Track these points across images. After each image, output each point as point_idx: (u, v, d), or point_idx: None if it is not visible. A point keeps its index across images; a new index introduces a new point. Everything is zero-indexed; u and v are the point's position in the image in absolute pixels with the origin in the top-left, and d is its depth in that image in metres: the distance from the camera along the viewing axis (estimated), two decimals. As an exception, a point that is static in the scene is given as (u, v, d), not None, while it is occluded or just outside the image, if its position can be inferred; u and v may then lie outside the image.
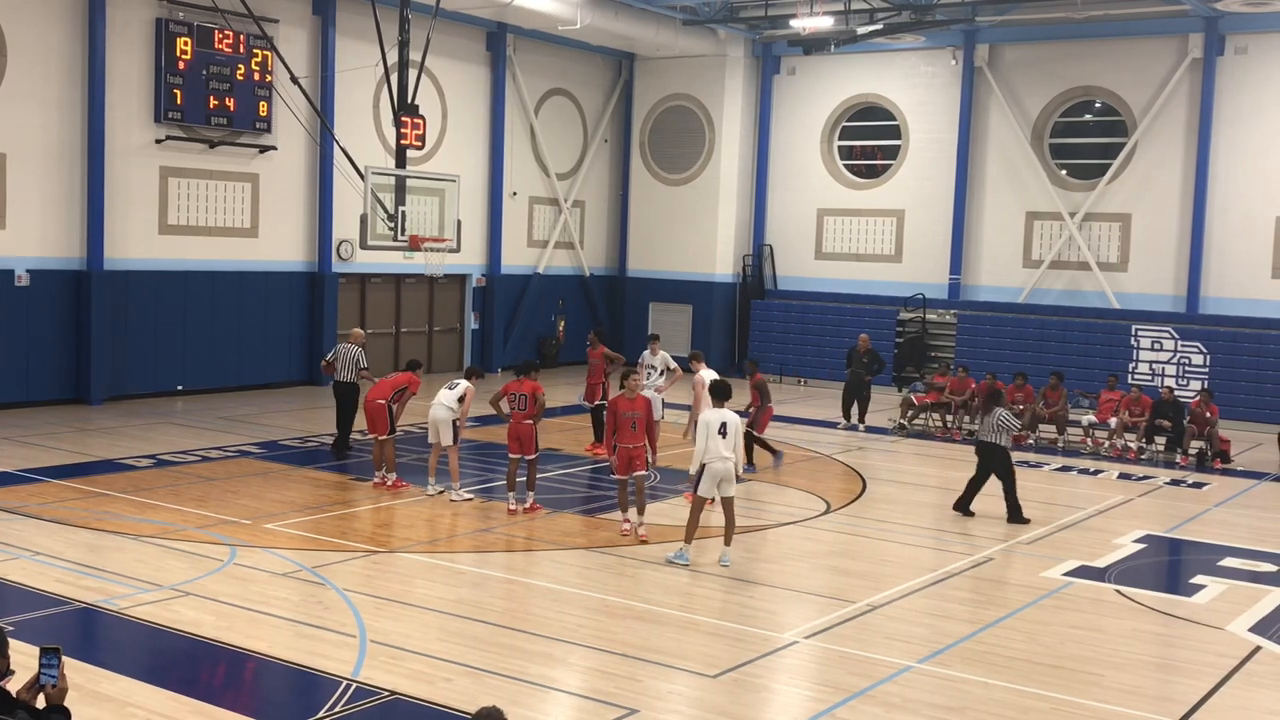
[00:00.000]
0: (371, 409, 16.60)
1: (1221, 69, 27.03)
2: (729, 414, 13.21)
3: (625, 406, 14.17)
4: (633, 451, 14.14)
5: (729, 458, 13.04)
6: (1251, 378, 25.83)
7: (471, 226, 28.44)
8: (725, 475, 13.06)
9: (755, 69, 32.81)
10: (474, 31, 29.75)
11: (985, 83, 29.73)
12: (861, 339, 25.07)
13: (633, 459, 14.16)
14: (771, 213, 32.93)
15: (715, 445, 13.01)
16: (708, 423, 13.11)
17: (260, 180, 25.51)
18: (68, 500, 15.13)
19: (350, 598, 11.51)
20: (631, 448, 14.13)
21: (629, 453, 14.14)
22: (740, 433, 13.39)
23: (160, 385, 24.14)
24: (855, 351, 24.57)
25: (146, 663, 9.90)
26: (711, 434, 13.03)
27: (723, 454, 13.00)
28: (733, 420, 13.17)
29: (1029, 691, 9.73)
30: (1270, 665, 10.73)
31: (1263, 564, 14.28)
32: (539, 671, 9.81)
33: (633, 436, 14.10)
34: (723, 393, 13.42)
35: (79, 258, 22.78)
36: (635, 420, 14.11)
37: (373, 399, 16.64)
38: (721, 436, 13.02)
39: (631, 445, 14.12)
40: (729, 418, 13.16)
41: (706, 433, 13.07)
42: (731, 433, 13.09)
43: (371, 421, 16.62)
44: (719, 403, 13.34)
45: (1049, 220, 29.26)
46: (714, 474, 13.03)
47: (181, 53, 23.54)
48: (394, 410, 16.62)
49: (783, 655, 10.51)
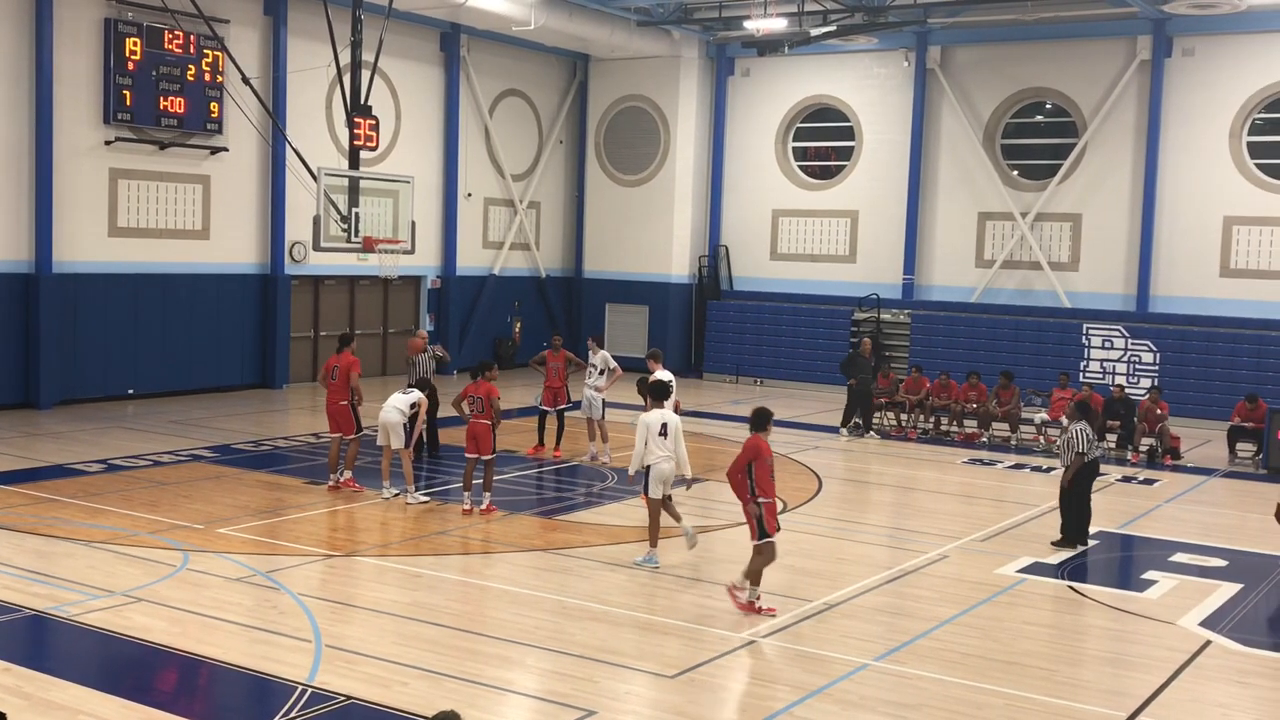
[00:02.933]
0: (335, 410, 16.47)
1: (1169, 70, 27.37)
2: (670, 414, 13.29)
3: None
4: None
5: (670, 457, 13.09)
6: (1201, 375, 26.17)
7: (426, 228, 28.33)
8: (667, 476, 13.12)
9: (710, 70, 32.88)
10: (427, 32, 29.63)
11: (937, 84, 29.95)
12: (864, 343, 24.28)
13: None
14: (727, 214, 33.01)
15: (655, 445, 13.04)
16: (648, 424, 13.15)
17: (211, 182, 25.27)
18: (16, 506, 14.92)
19: (305, 602, 11.42)
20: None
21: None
22: (680, 432, 13.35)
23: (111, 389, 23.87)
24: (859, 356, 23.62)
25: (98, 670, 9.78)
26: (652, 435, 13.07)
27: (663, 454, 13.04)
28: (673, 420, 13.23)
29: (984, 688, 9.80)
30: (1221, 659, 10.87)
31: (1213, 559, 14.47)
32: (496, 674, 9.77)
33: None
34: (661, 393, 13.48)
35: (27, 260, 22.47)
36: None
37: (334, 401, 16.50)
38: (662, 437, 13.07)
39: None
40: (670, 418, 13.24)
41: (646, 433, 13.11)
42: (672, 433, 13.15)
43: (336, 422, 16.51)
44: (658, 403, 13.40)
45: (1001, 220, 29.51)
46: (660, 475, 13.08)
47: (131, 53, 23.28)
48: (356, 406, 16.55)
49: (740, 655, 10.53)
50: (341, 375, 16.52)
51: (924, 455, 21.61)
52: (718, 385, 30.97)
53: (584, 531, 14.85)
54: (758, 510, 11.49)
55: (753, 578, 11.54)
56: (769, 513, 11.51)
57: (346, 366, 16.53)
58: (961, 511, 17.17)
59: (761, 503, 11.48)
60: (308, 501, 15.92)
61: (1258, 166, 26.68)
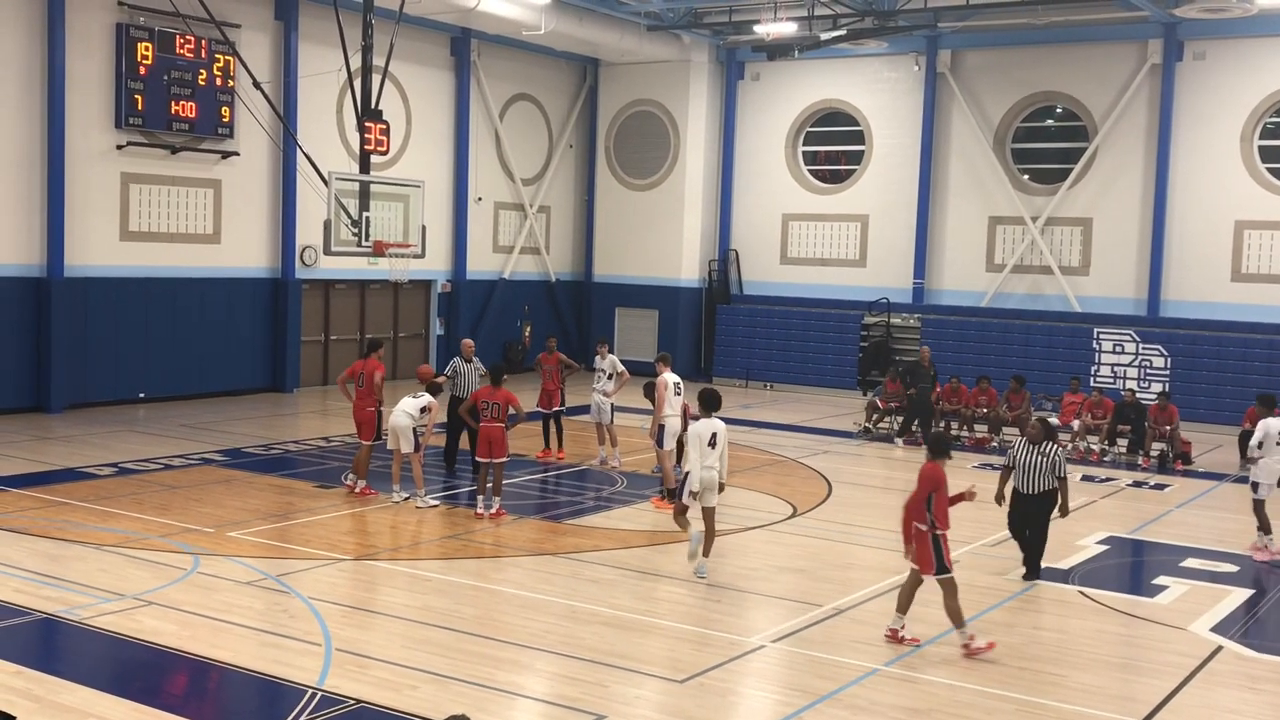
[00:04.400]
0: (364, 417, 16.45)
1: (1180, 74, 27.31)
2: (718, 424, 13.01)
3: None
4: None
5: (713, 467, 12.89)
6: (1212, 380, 26.09)
7: (436, 232, 28.37)
8: (709, 485, 12.90)
9: (719, 74, 32.88)
10: (438, 36, 29.67)
11: (948, 88, 29.92)
12: (923, 351, 24.15)
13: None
14: (737, 218, 33.01)
15: (701, 456, 12.78)
16: (699, 434, 12.85)
17: (223, 186, 25.34)
18: (28, 509, 14.96)
19: (315, 606, 11.43)
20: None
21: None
22: (726, 443, 13.13)
23: (122, 393, 23.93)
24: (919, 365, 23.37)
25: (108, 673, 9.79)
26: (702, 445, 12.80)
27: (708, 464, 12.84)
28: (722, 430, 13.03)
29: (994, 693, 9.78)
30: (1231, 665, 10.83)
31: (1224, 564, 14.42)
32: (506, 678, 9.77)
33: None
34: (712, 403, 13.11)
35: (39, 264, 22.55)
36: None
37: (363, 407, 16.49)
38: (711, 448, 12.89)
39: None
40: (718, 427, 12.98)
41: (699, 445, 12.79)
42: (720, 443, 12.96)
43: (362, 428, 16.52)
44: (707, 413, 13.10)
45: (1011, 224, 29.46)
46: (701, 483, 12.81)
47: (142, 58, 23.35)
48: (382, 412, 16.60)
49: (749, 659, 10.52)
50: (369, 380, 16.52)
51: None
52: (727, 390, 30.81)
53: (594, 536, 14.85)
54: (937, 544, 10.83)
55: (956, 618, 10.76)
56: (947, 545, 10.95)
57: (372, 371, 16.57)
58: (971, 516, 17.11)
59: (941, 535, 10.87)
60: (318, 505, 15.93)
61: (1269, 170, 26.60)
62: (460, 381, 18.25)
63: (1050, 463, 13.17)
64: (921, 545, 10.93)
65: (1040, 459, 13.20)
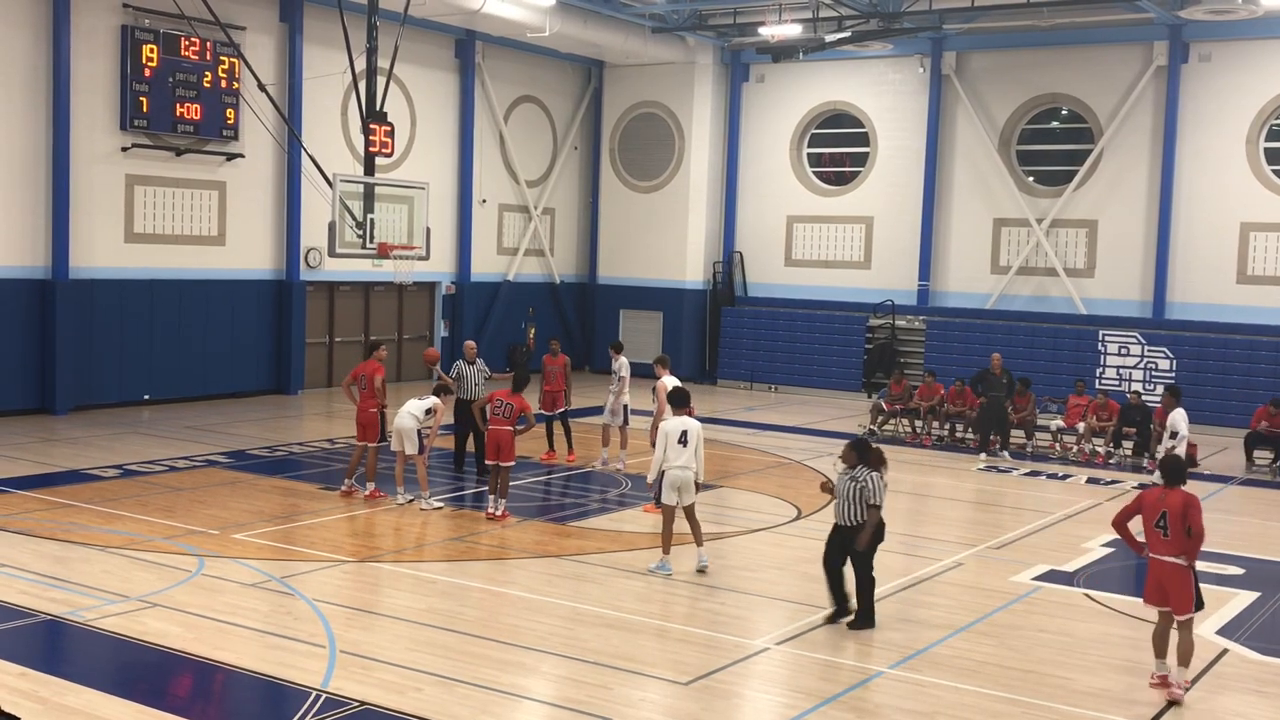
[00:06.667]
0: (367, 419, 16.41)
1: (1186, 76, 27.27)
2: (690, 421, 13.20)
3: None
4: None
5: (688, 466, 13.01)
6: (1217, 382, 26.05)
7: (441, 234, 28.39)
8: (684, 483, 13.03)
9: (724, 76, 32.87)
10: (443, 39, 29.69)
11: (953, 90, 29.90)
12: (995, 358, 22.79)
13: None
14: (741, 220, 32.99)
15: (674, 454, 12.98)
16: (667, 432, 13.08)
17: (227, 188, 25.36)
18: (33, 511, 14.97)
19: (319, 608, 11.43)
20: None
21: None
22: (701, 440, 13.29)
23: (126, 395, 23.95)
24: (989, 373, 22.39)
25: (113, 675, 9.80)
26: (671, 443, 13.00)
27: (681, 462, 12.98)
28: (694, 428, 13.16)
29: (999, 696, 9.76)
30: (1238, 667, 10.81)
31: (1230, 567, 14.39)
32: (510, 680, 9.77)
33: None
34: (681, 400, 13.42)
35: (44, 266, 22.58)
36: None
37: (366, 409, 16.44)
38: (681, 445, 13.01)
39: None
40: (689, 425, 13.15)
41: (665, 441, 13.05)
42: (692, 440, 13.08)
43: (364, 430, 16.47)
44: (679, 410, 13.32)
45: (1016, 226, 29.43)
46: (673, 482, 13.03)
47: (147, 60, 23.37)
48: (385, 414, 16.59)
49: (754, 661, 10.51)
50: (369, 382, 16.50)
51: (938, 462, 21.55)
52: (732, 392, 30.94)
53: (598, 538, 14.84)
54: (1194, 577, 10.04)
55: (1186, 658, 9.91)
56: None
57: (372, 373, 16.56)
58: (976, 518, 17.13)
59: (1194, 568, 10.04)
60: (322, 507, 15.94)
61: (1275, 172, 26.55)
62: (463, 383, 18.25)
63: (860, 488, 11.52)
64: (1185, 582, 9.96)
65: (851, 484, 11.58)
